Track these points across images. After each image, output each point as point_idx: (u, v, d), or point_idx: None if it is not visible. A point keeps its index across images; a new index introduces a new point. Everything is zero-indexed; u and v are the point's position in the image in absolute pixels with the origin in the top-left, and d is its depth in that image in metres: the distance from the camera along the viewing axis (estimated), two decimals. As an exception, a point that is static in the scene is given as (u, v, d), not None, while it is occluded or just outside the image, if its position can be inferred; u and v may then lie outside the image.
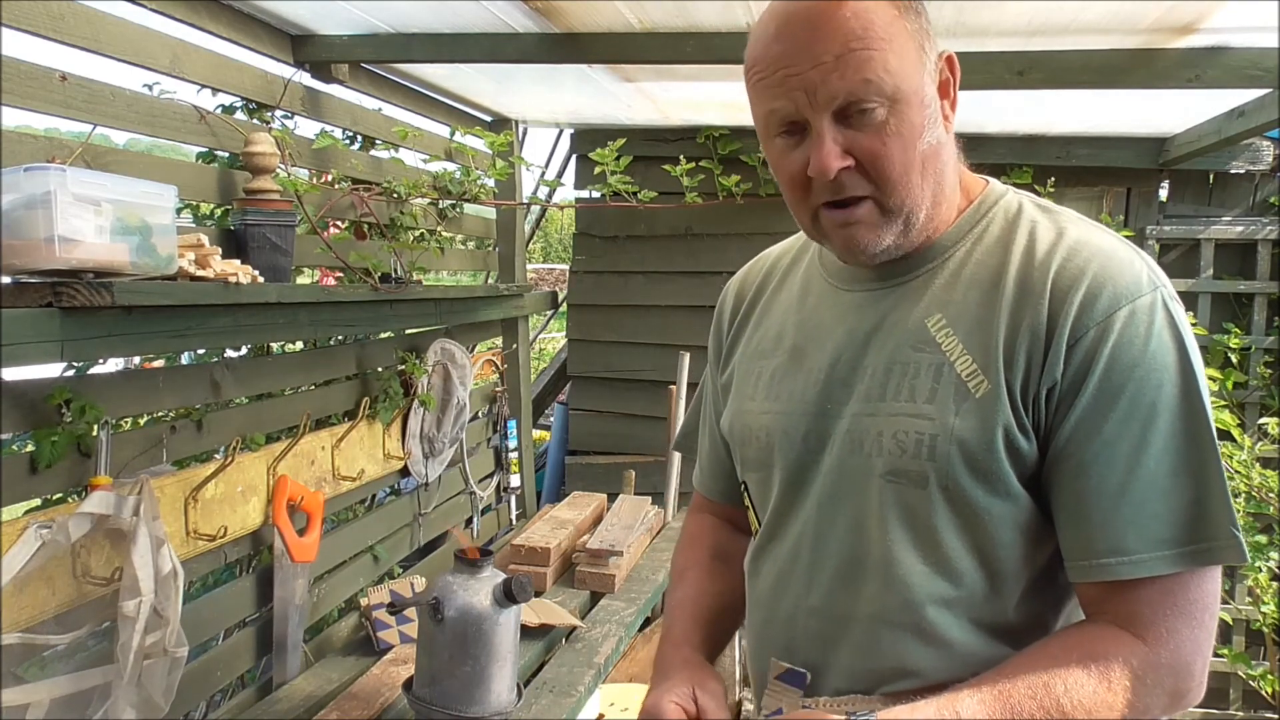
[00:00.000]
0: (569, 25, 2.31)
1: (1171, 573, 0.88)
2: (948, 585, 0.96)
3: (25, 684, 1.42)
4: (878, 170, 0.93)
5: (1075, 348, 0.90)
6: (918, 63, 0.94)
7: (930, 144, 0.95)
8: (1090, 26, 2.17)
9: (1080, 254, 0.94)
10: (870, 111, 0.91)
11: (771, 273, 1.21)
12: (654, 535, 3.12)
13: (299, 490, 2.06)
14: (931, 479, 0.94)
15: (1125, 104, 2.89)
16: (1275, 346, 3.41)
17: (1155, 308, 0.91)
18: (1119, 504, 0.89)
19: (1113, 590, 0.90)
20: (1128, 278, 0.92)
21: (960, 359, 0.95)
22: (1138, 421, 0.89)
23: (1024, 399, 0.92)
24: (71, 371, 1.80)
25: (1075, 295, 0.91)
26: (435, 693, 1.70)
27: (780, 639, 1.08)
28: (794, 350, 1.10)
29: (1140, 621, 0.89)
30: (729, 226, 3.65)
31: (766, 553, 1.11)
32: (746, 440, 1.12)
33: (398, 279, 2.39)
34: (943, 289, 1.00)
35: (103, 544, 1.55)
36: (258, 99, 2.19)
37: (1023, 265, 0.96)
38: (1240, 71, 2.26)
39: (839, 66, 0.90)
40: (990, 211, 1.03)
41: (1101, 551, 0.90)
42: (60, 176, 1.34)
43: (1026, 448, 0.93)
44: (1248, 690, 3.39)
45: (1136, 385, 0.89)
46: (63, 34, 1.61)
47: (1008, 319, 0.94)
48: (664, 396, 3.43)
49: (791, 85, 0.92)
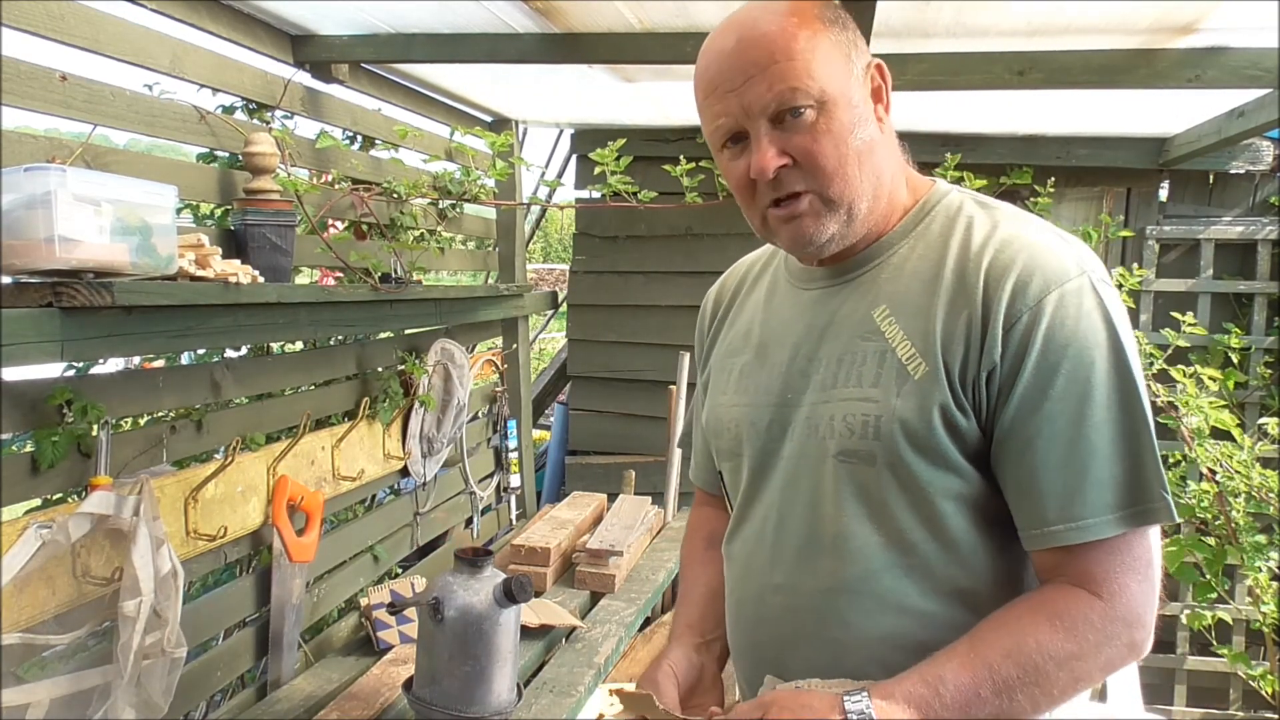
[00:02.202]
0: (569, 25, 2.31)
1: (1118, 534, 0.95)
2: (901, 555, 1.03)
3: (25, 684, 1.42)
4: (813, 165, 1.01)
5: (1011, 332, 0.97)
6: (843, 69, 1.02)
7: (863, 140, 1.03)
8: (1090, 26, 2.17)
9: (1012, 245, 1.01)
10: (801, 114, 1.00)
11: (745, 278, 1.31)
12: (654, 535, 3.12)
13: (299, 490, 2.06)
14: (879, 457, 1.02)
15: (1125, 104, 2.89)
16: (1275, 346, 3.41)
17: (1083, 290, 0.97)
18: (1063, 474, 0.96)
19: (1066, 554, 0.97)
20: (1055, 265, 0.99)
21: (901, 344, 1.03)
22: (1074, 397, 0.95)
23: (962, 380, 0.99)
24: (72, 371, 1.81)
25: (1007, 283, 0.98)
26: (435, 693, 1.71)
27: (750, 616, 1.15)
28: (760, 347, 1.18)
29: (1095, 580, 0.96)
30: (729, 226, 3.65)
31: (736, 536, 1.19)
32: (719, 432, 1.21)
33: (398, 279, 2.39)
34: (888, 282, 1.07)
35: (103, 544, 1.55)
36: (258, 99, 2.19)
37: (959, 257, 1.03)
38: (1240, 71, 2.26)
39: (767, 77, 0.99)
40: (933, 210, 1.10)
41: (1052, 519, 0.96)
42: (60, 176, 1.35)
43: (966, 425, 0.99)
44: (1248, 690, 3.39)
45: (1071, 363, 0.96)
46: (63, 34, 1.61)
47: (946, 307, 1.01)
48: (664, 396, 3.43)
49: (729, 100, 1.02)
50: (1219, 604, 3.25)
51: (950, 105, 3.00)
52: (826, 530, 1.06)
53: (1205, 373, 3.08)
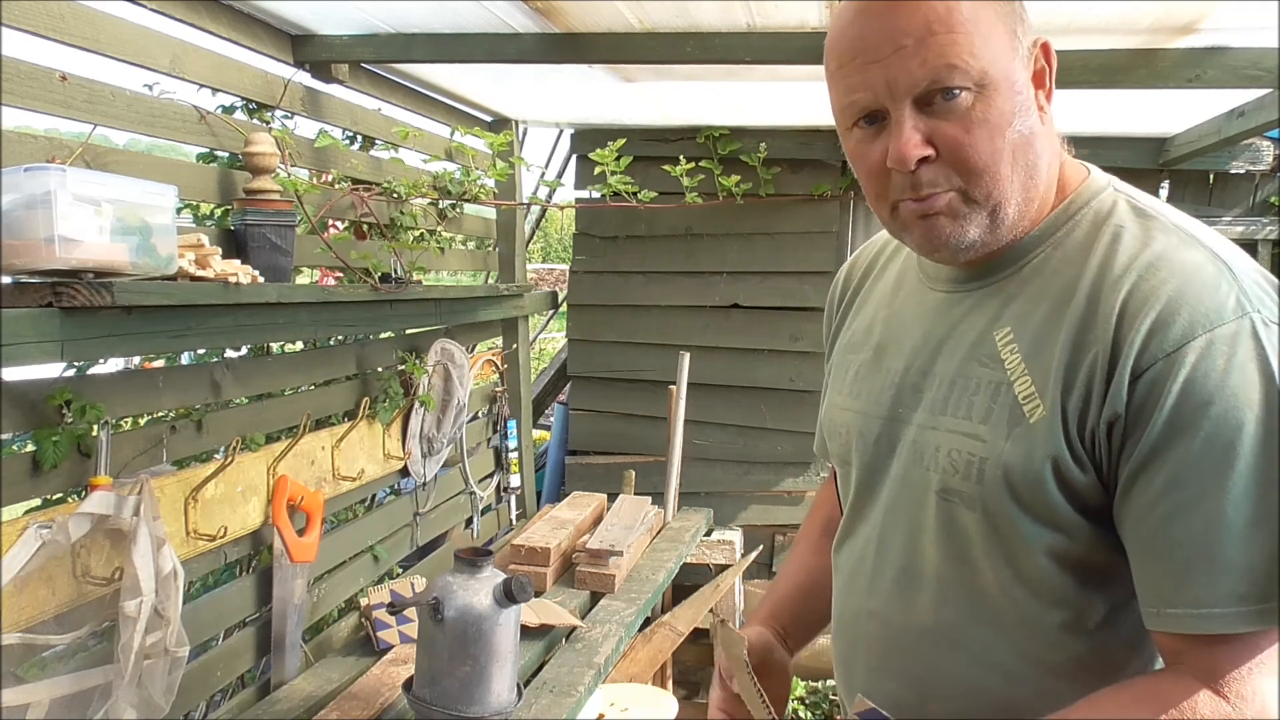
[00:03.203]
0: (569, 25, 2.31)
1: (1249, 631, 0.80)
2: (995, 607, 0.94)
3: (25, 684, 1.42)
4: (961, 160, 0.87)
5: (1139, 380, 0.82)
6: (1008, 46, 0.87)
7: (1021, 133, 0.88)
8: (1090, 26, 2.17)
9: (1159, 272, 0.84)
10: (955, 98, 0.85)
11: (877, 258, 1.19)
12: (654, 535, 3.12)
13: (299, 490, 2.06)
14: (980, 502, 0.91)
15: (1125, 104, 2.89)
16: (1275, 346, 3.41)
17: (1239, 337, 0.80)
18: (1191, 552, 0.81)
19: (1189, 641, 0.83)
20: (1209, 303, 0.82)
21: (1020, 379, 0.89)
22: (1211, 463, 0.80)
23: (1080, 430, 0.85)
24: (72, 371, 1.80)
25: (1145, 321, 0.82)
26: (435, 693, 1.71)
27: (846, 635, 1.11)
28: (878, 348, 1.09)
29: (1220, 677, 0.81)
30: (729, 226, 3.66)
31: (844, 547, 1.14)
32: (832, 434, 1.15)
33: (398, 279, 2.39)
34: (1016, 298, 0.94)
35: (103, 544, 1.55)
36: (258, 99, 2.19)
37: (1096, 280, 0.87)
38: (1240, 71, 2.26)
39: (920, 50, 0.84)
40: (1079, 212, 0.94)
41: (1173, 601, 0.82)
42: (60, 176, 1.35)
43: (1082, 479, 0.86)
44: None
45: (1212, 424, 0.79)
46: (63, 34, 1.61)
47: (1072, 339, 0.86)
48: (664, 396, 3.43)
49: (870, 72, 0.86)
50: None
51: (950, 105, 3.00)
52: (923, 567, 0.98)
53: None
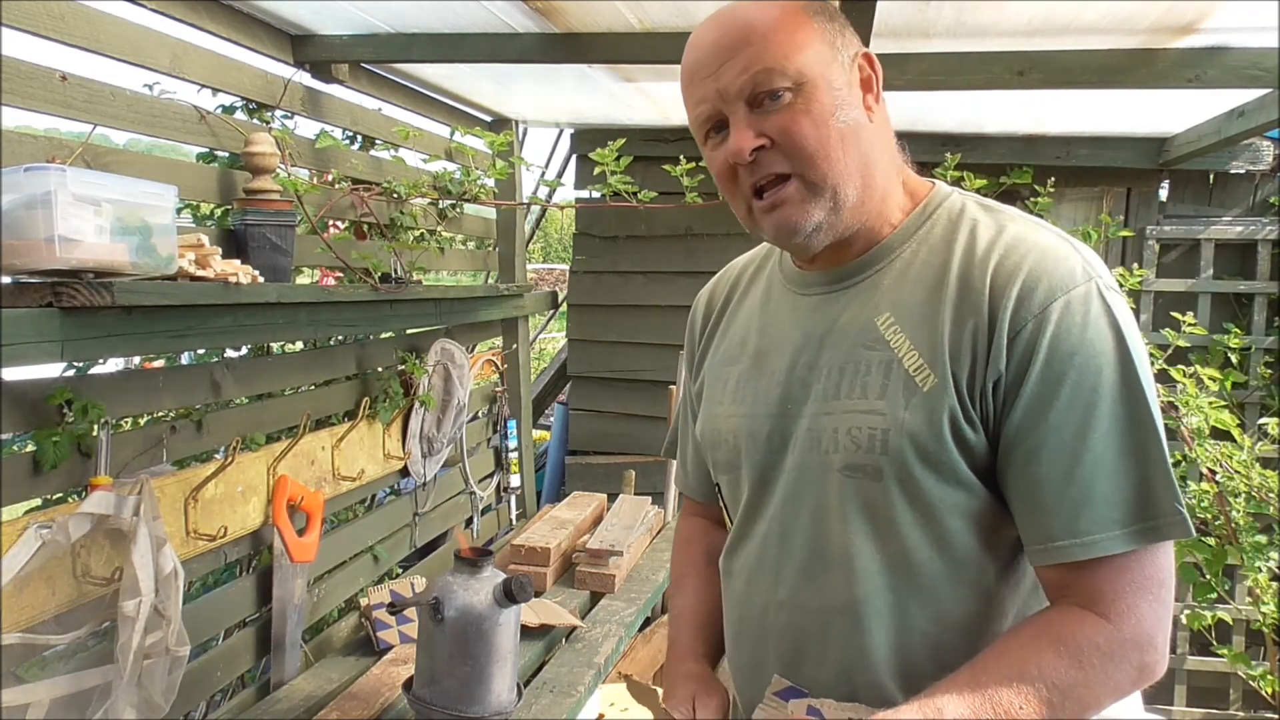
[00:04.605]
0: (569, 25, 2.31)
1: (1125, 551, 0.91)
2: (907, 574, 1.00)
3: (25, 684, 1.42)
4: (791, 144, 0.98)
5: (1016, 340, 0.94)
6: (824, 54, 1.00)
7: (845, 123, 0.99)
8: (1090, 26, 2.17)
9: (1017, 250, 0.98)
10: (780, 97, 0.97)
11: (737, 282, 1.26)
12: (654, 535, 3.12)
13: (299, 490, 2.06)
14: (886, 472, 0.98)
15: (1125, 104, 2.89)
16: (1275, 346, 3.41)
17: (1090, 297, 0.94)
18: (1069, 488, 0.92)
19: (1072, 572, 0.94)
20: (1062, 270, 0.95)
21: (908, 355, 0.99)
22: (1080, 407, 0.92)
23: (970, 391, 0.96)
24: (72, 371, 1.80)
25: (1012, 289, 0.95)
26: (435, 693, 1.70)
27: (753, 634, 1.13)
28: (757, 355, 1.14)
29: (1102, 600, 0.92)
30: (729, 226, 3.63)
31: (737, 551, 1.16)
32: (716, 444, 1.17)
33: (398, 279, 2.39)
34: (891, 288, 1.04)
35: (103, 544, 1.55)
36: (258, 99, 2.19)
37: (964, 263, 1.00)
38: (1240, 71, 2.26)
39: (742, 59, 0.98)
40: (935, 212, 1.07)
41: (1056, 535, 0.93)
42: (60, 176, 1.34)
43: (974, 438, 0.96)
44: (1248, 690, 3.39)
45: (1077, 372, 0.92)
46: (63, 34, 1.61)
47: (952, 315, 0.98)
48: (664, 396, 3.43)
49: (706, 85, 1.00)
50: (1219, 604, 3.25)
51: (950, 105, 3.00)
52: (831, 547, 1.03)
53: (1205, 373, 3.08)
